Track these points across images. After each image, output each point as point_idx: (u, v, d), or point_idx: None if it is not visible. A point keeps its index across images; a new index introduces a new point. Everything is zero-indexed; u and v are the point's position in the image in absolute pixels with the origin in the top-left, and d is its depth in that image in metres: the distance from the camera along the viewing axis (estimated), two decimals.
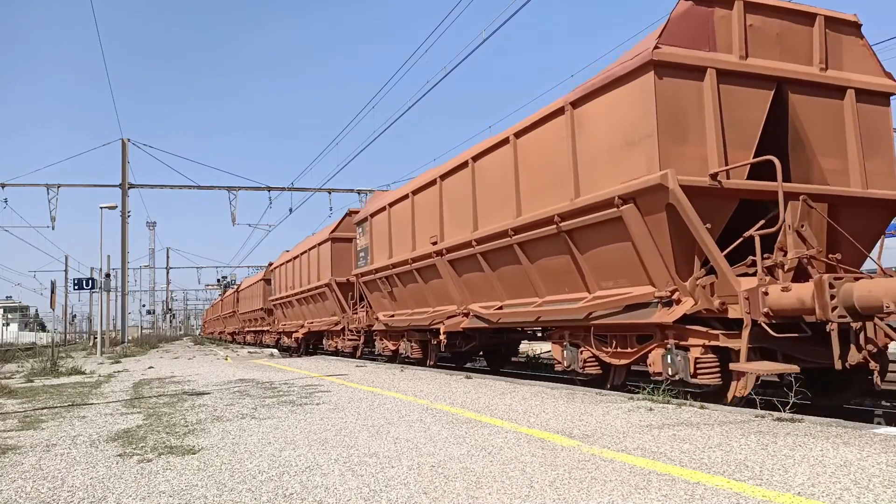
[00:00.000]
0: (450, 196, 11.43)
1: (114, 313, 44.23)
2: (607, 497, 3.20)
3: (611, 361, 8.05)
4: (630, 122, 6.99)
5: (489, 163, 9.95)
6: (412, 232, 12.81)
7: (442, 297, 12.10)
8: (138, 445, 4.92)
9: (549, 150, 8.42)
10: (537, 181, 8.69)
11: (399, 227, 13.58)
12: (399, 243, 13.55)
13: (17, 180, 33.03)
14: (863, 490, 3.18)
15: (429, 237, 12.03)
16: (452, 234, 11.15)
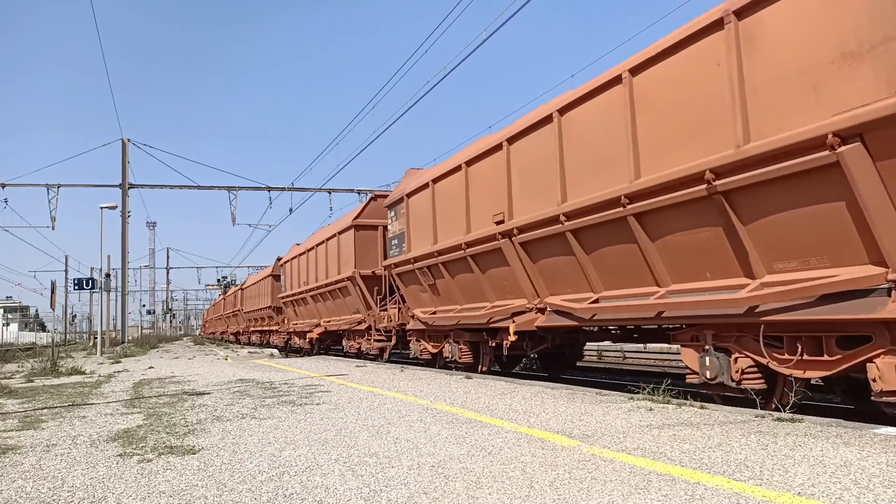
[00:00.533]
0: (522, 163, 9.27)
1: (114, 313, 44.26)
2: (607, 497, 3.20)
3: (791, 372, 5.91)
4: (851, 23, 5.01)
5: (584, 115, 7.93)
6: (466, 211, 10.66)
7: (505, 289, 10.06)
8: (138, 445, 4.92)
9: (689, 84, 6.43)
10: (666, 128, 6.69)
11: (447, 206, 11.40)
12: (447, 226, 11.40)
13: (17, 180, 33.03)
14: (863, 490, 3.18)
15: (491, 216, 9.86)
16: (526, 210, 9.06)
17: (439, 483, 3.55)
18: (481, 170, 10.34)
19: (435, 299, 12.54)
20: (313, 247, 20.75)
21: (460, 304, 11.58)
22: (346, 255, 17.19)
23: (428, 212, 12.18)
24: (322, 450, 4.57)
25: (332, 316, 19.60)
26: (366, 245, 16.45)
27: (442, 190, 11.66)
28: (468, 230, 10.56)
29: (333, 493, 3.41)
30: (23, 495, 3.58)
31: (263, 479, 3.76)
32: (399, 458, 4.23)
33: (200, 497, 3.42)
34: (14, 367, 16.89)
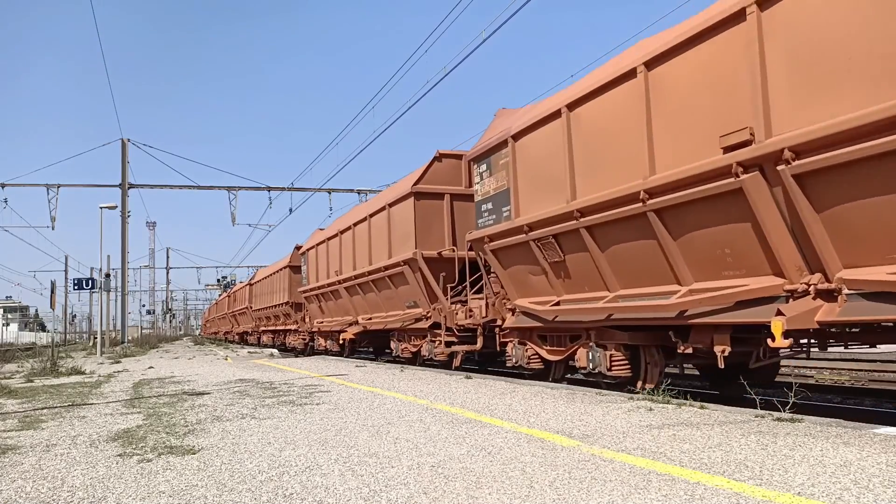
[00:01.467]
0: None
1: (114, 313, 44.24)
2: (607, 497, 3.20)
3: None
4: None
5: None
6: (647, 138, 6.96)
7: (721, 262, 6.51)
8: (138, 445, 4.92)
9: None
10: None
11: (599, 139, 7.74)
12: (597, 170, 7.79)
13: (17, 180, 33.05)
14: (863, 490, 3.18)
15: (709, 136, 6.27)
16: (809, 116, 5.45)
17: (439, 483, 3.55)
18: (674, 73, 6.70)
19: (559, 284, 8.95)
20: (349, 227, 16.93)
21: (612, 288, 7.95)
22: (401, 233, 13.51)
23: (557, 155, 8.47)
24: (322, 450, 4.57)
25: (376, 312, 15.95)
26: (429, 218, 12.82)
27: (589, 116, 7.90)
28: (651, 170, 6.88)
29: (333, 493, 3.41)
30: (22, 495, 3.58)
31: (263, 479, 3.76)
32: (399, 458, 4.23)
33: (200, 497, 3.42)
34: (14, 367, 16.90)
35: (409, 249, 12.96)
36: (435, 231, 12.86)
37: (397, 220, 13.78)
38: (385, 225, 14.39)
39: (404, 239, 13.33)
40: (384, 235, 14.49)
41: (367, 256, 15.53)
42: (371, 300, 16.07)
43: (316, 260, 20.42)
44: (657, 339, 7.78)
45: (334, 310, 19.39)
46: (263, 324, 33.85)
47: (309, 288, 21.33)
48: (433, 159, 13.17)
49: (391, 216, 14.10)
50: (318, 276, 20.04)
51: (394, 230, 13.99)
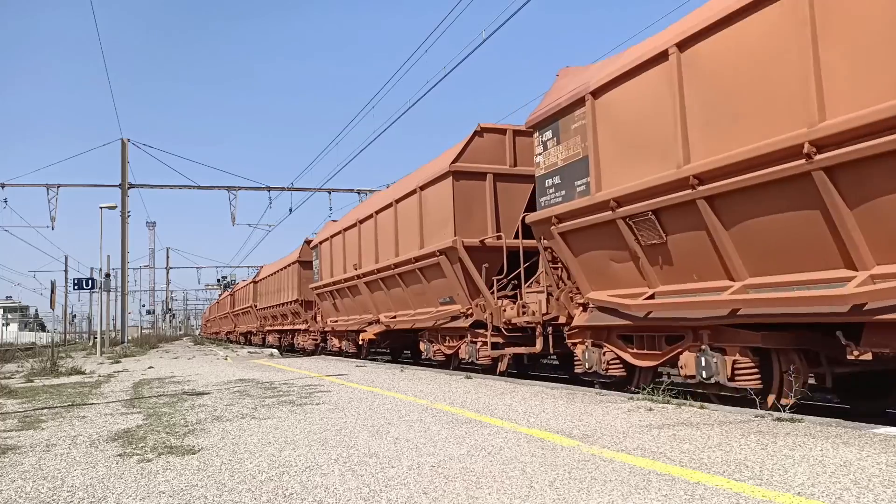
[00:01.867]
0: None
1: (114, 313, 44.26)
2: (607, 497, 3.20)
3: None
4: None
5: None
6: (814, 71, 5.24)
7: None
8: (138, 445, 4.92)
9: None
10: None
11: (728, 84, 6.04)
12: (726, 124, 6.08)
13: (17, 180, 33.08)
14: (863, 490, 3.18)
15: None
16: None
17: (439, 483, 3.55)
18: None
19: (654, 273, 7.23)
20: (370, 215, 15.18)
21: (738, 276, 6.21)
22: (436, 219, 11.68)
23: (660, 110, 6.78)
24: (322, 450, 4.57)
25: (402, 309, 14.21)
26: (469, 202, 11.09)
27: (713, 53, 6.19)
28: (820, 115, 5.17)
29: (333, 493, 3.41)
30: (22, 495, 3.58)
31: (263, 479, 3.76)
32: (399, 458, 4.23)
33: (200, 497, 3.42)
34: (14, 367, 16.89)
35: (446, 237, 11.20)
36: (476, 216, 11.07)
37: (431, 205, 11.96)
38: (415, 211, 12.59)
39: (440, 225, 11.54)
40: (414, 223, 12.66)
41: (393, 247, 13.78)
42: (396, 296, 14.32)
43: (330, 253, 18.60)
44: (802, 341, 6.09)
45: (351, 307, 17.58)
46: (269, 323, 31.80)
47: (321, 284, 19.46)
48: (473, 134, 11.35)
49: (423, 201, 12.27)
50: (333, 270, 18.27)
51: (427, 216, 12.19)
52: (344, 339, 19.20)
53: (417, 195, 12.54)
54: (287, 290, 26.20)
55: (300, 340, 25.42)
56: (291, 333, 27.24)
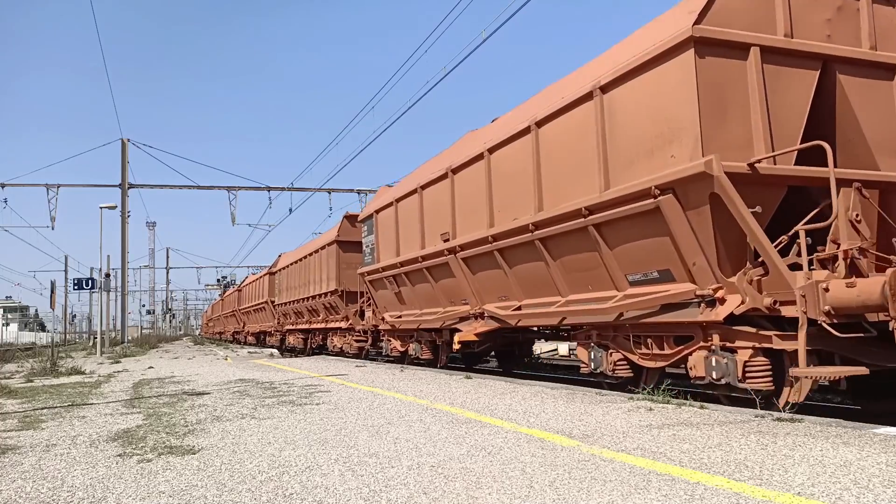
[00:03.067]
0: None
1: (114, 313, 44.26)
2: (607, 497, 3.20)
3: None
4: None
5: None
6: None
7: None
8: (138, 445, 4.92)
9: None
10: None
11: None
12: None
13: (17, 180, 33.10)
14: (863, 490, 3.18)
15: None
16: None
17: (439, 483, 3.55)
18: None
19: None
20: (475, 158, 10.41)
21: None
22: (645, 133, 6.95)
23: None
24: (322, 450, 4.57)
25: (539, 294, 9.34)
26: (721, 95, 6.38)
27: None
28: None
29: (333, 493, 3.41)
30: (22, 495, 3.58)
31: (263, 479, 3.76)
32: (399, 458, 4.23)
33: (200, 497, 3.42)
34: (14, 367, 16.89)
35: (676, 161, 6.49)
36: (734, 121, 6.33)
37: (634, 112, 7.06)
38: (588, 131, 7.71)
39: (657, 143, 6.75)
40: (583, 152, 7.83)
41: (532, 199, 8.84)
42: (526, 275, 9.46)
43: (395, 224, 13.85)
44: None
45: (428, 297, 12.87)
46: (291, 321, 26.70)
47: (378, 268, 14.59)
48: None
49: (610, 109, 7.40)
50: (400, 247, 13.62)
51: (620, 132, 7.27)
52: (412, 340, 14.31)
53: (594, 105, 7.59)
54: (319, 280, 20.99)
55: (337, 341, 20.48)
56: (322, 333, 22.51)
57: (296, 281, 24.89)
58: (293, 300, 25.20)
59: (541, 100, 9.24)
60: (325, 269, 20.42)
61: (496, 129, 10.27)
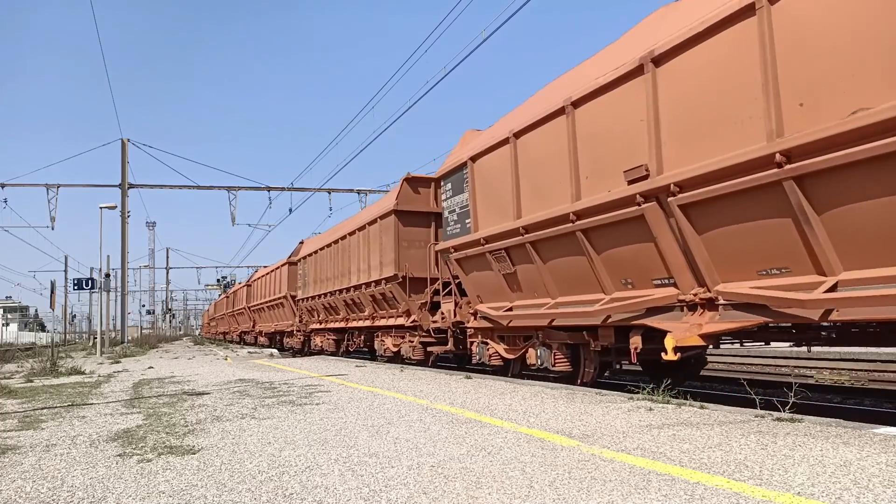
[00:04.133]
0: None
1: (113, 313, 44.21)
2: (607, 497, 3.20)
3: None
4: None
5: None
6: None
7: None
8: (138, 445, 4.92)
9: None
10: None
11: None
12: None
13: (16, 180, 33.12)
14: (863, 490, 3.18)
15: None
16: None
17: (439, 483, 3.55)
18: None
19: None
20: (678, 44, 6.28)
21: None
22: None
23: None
24: (322, 450, 4.57)
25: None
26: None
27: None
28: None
29: (333, 493, 3.41)
30: (22, 495, 3.58)
31: (263, 479, 3.76)
32: (399, 458, 4.23)
33: (200, 497, 3.42)
34: (14, 367, 16.90)
35: None
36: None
37: None
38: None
39: None
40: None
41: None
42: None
43: (512, 172, 9.39)
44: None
45: (576, 277, 8.40)
46: (319, 319, 22.03)
47: (478, 239, 10.26)
48: None
49: None
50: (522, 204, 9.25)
51: None
52: (531, 343, 9.95)
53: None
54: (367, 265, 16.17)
55: (390, 343, 15.84)
56: (367, 333, 17.93)
57: (328, 270, 20.01)
58: (323, 293, 20.36)
59: None
60: (377, 249, 15.38)
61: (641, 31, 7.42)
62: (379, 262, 15.26)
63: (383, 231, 15.02)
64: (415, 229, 14.44)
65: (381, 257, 15.16)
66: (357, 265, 17.11)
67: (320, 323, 22.05)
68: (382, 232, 15.08)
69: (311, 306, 22.73)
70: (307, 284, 22.99)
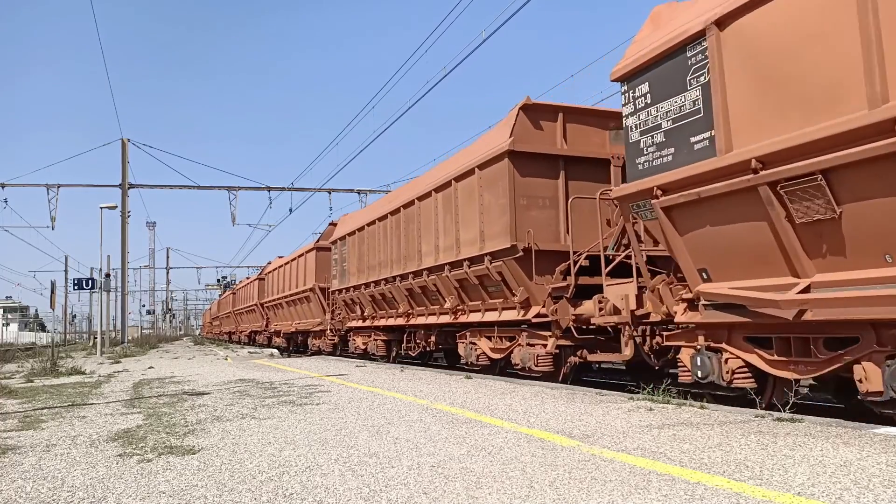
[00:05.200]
0: None
1: (114, 313, 44.26)
2: (607, 497, 3.20)
3: None
4: None
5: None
6: None
7: None
8: (138, 445, 4.92)
9: None
10: None
11: None
12: None
13: (17, 180, 33.09)
14: (863, 490, 3.18)
15: None
16: None
17: (439, 483, 3.55)
18: None
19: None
20: None
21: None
22: None
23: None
24: (322, 450, 4.57)
25: None
26: None
27: None
28: None
29: (333, 493, 3.41)
30: (22, 495, 3.58)
31: (263, 479, 3.76)
32: (399, 458, 4.23)
33: (200, 497, 3.42)
34: (14, 367, 16.90)
35: None
36: None
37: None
38: None
39: None
40: None
41: None
42: None
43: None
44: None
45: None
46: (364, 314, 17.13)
47: (756, 157, 5.58)
48: None
49: None
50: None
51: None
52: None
53: None
54: (452, 239, 11.63)
55: (486, 346, 11.40)
56: (448, 332, 13.07)
57: (379, 251, 15.55)
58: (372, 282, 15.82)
59: None
60: (474, 213, 10.88)
61: None
62: (478, 231, 10.69)
63: (486, 184, 10.49)
64: (538, 181, 9.93)
65: (480, 224, 10.61)
66: (432, 240, 12.52)
67: (364, 320, 17.22)
68: (484, 186, 10.54)
69: (352, 299, 17.89)
70: (345, 273, 18.23)
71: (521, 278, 9.85)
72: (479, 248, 10.67)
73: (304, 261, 23.34)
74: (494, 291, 10.82)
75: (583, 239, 9.45)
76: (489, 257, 10.36)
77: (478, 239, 10.71)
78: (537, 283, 9.70)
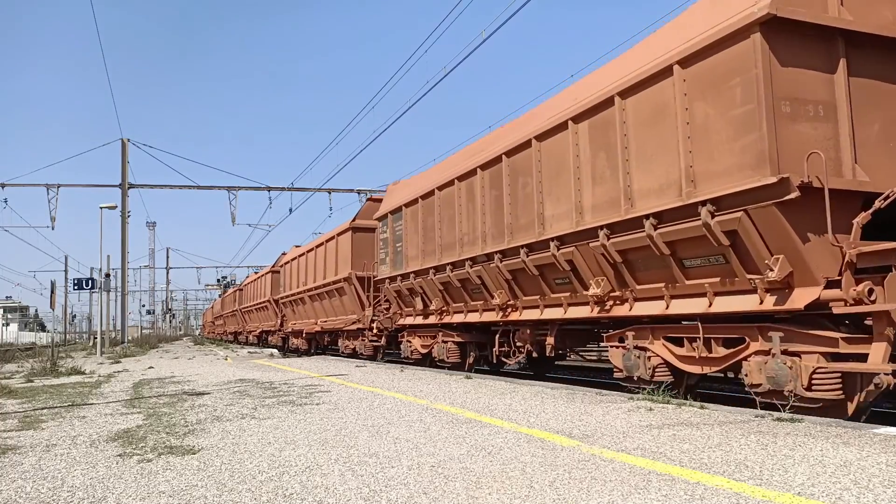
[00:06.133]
0: None
1: (114, 313, 44.22)
2: (607, 497, 3.20)
3: None
4: None
5: None
6: None
7: None
8: (138, 445, 4.92)
9: None
10: None
11: None
12: None
13: (17, 180, 33.10)
14: (863, 490, 3.18)
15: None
16: None
17: (439, 483, 3.55)
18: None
19: None
20: None
21: None
22: None
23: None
24: (322, 450, 4.57)
25: None
26: None
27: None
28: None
29: (333, 493, 3.41)
30: (22, 495, 3.58)
31: (263, 479, 3.76)
32: (399, 458, 4.23)
33: (200, 497, 3.42)
34: (14, 367, 16.89)
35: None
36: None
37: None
38: None
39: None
40: None
41: None
42: None
43: None
44: None
45: None
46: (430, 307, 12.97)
47: None
48: None
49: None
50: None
51: None
52: None
53: None
54: (643, 180, 7.17)
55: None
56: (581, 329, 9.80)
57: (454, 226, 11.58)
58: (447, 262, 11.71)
59: None
60: (702, 126, 6.43)
61: None
62: (679, 168, 6.73)
63: (700, 88, 6.48)
64: (807, 74, 5.96)
65: (686, 156, 6.63)
66: (568, 196, 8.48)
67: (427, 316, 13.39)
68: (696, 92, 6.53)
69: (409, 289, 13.89)
70: (399, 255, 14.13)
71: (785, 238, 5.78)
72: (681, 195, 6.66)
73: (335, 245, 18.92)
74: (705, 267, 6.67)
75: (878, 171, 5.92)
76: (709, 207, 6.28)
77: (679, 181, 6.70)
78: (817, 246, 5.69)
